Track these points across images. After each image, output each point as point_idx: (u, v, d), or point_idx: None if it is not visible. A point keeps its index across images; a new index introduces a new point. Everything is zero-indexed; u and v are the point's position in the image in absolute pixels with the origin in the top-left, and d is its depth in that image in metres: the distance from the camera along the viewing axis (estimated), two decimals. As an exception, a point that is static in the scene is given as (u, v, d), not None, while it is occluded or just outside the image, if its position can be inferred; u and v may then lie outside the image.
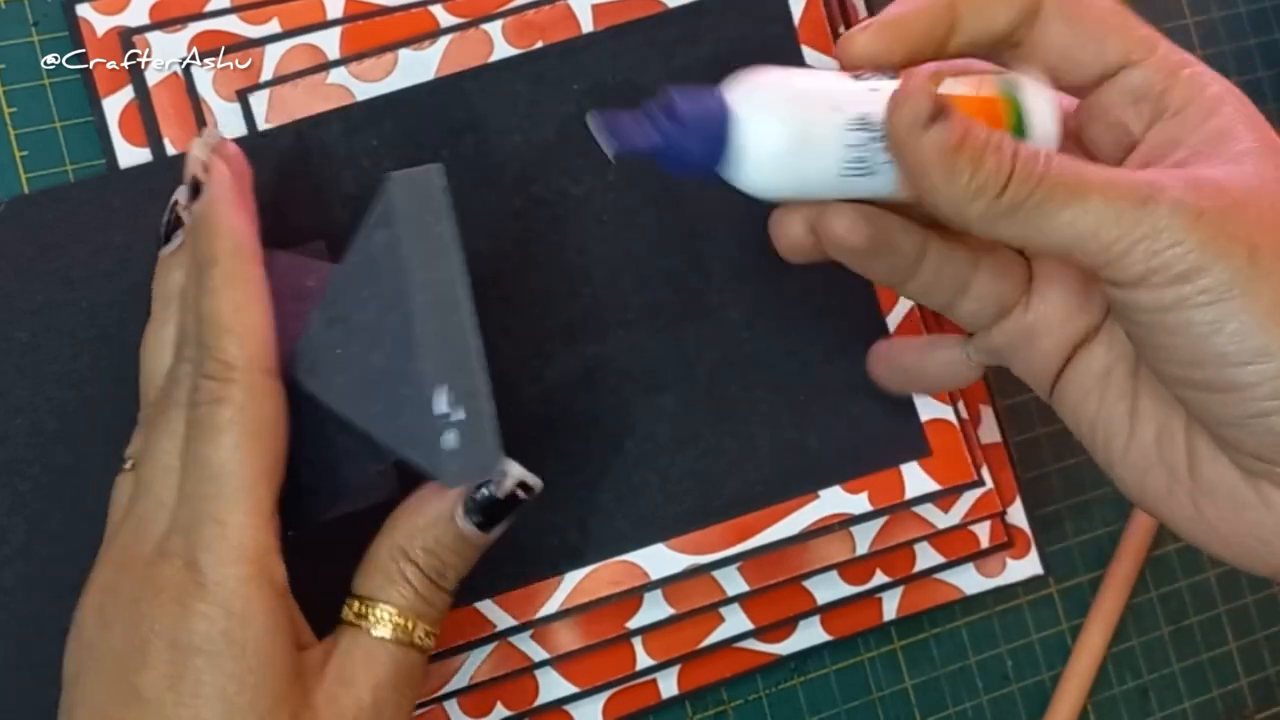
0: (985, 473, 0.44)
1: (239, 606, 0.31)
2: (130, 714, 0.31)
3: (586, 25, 0.42)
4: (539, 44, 0.42)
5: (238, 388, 0.32)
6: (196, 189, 0.34)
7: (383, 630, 0.33)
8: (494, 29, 0.41)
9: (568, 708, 0.42)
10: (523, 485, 0.34)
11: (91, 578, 0.33)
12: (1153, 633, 0.49)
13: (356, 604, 0.34)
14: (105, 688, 0.31)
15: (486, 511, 0.34)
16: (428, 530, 0.34)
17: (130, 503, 0.34)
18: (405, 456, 0.32)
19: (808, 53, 0.42)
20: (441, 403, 0.31)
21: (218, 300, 0.33)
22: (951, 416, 0.43)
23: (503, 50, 0.41)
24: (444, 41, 0.41)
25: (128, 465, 0.35)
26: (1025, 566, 0.46)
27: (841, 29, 0.44)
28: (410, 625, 0.33)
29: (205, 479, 0.32)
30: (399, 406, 0.32)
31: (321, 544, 0.34)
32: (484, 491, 0.34)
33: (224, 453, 0.32)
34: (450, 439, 0.31)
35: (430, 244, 0.32)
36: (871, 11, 0.46)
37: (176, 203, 0.36)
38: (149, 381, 0.36)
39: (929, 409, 0.42)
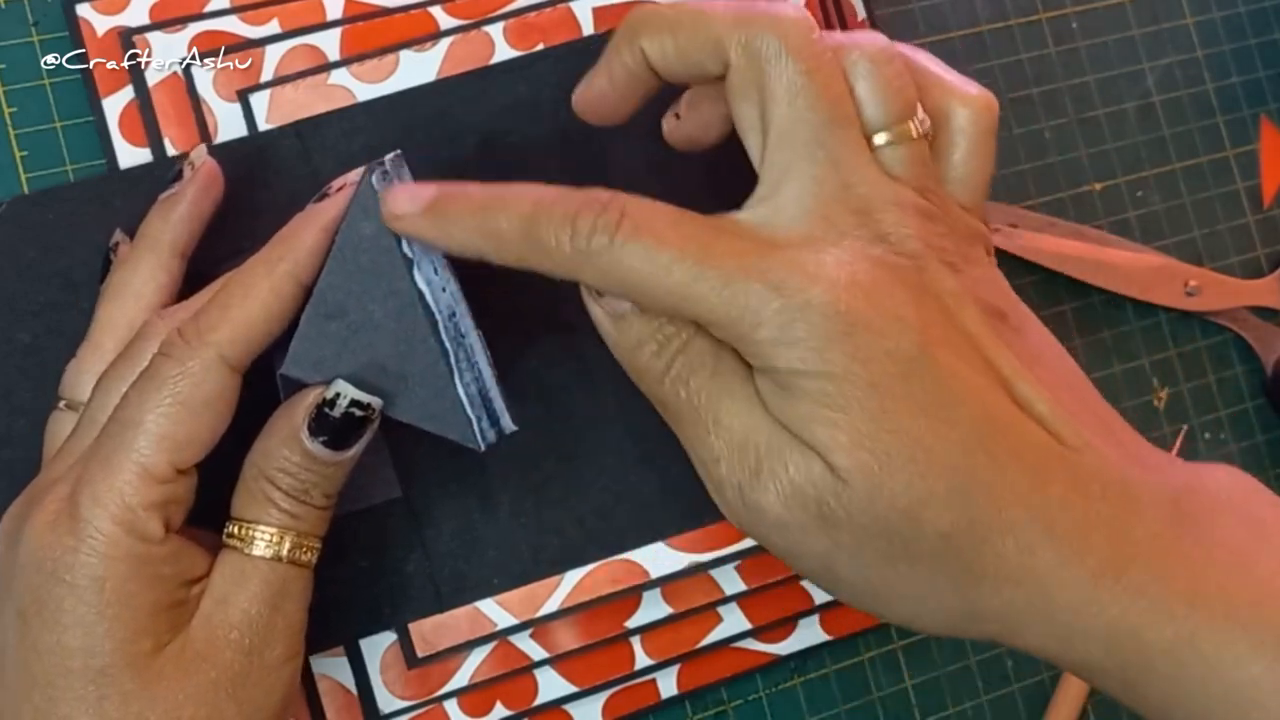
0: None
1: (101, 547, 0.31)
2: (10, 635, 0.32)
3: (587, 28, 0.42)
4: (540, 46, 0.42)
5: (194, 356, 0.33)
6: (322, 197, 0.35)
7: (253, 548, 0.34)
8: (495, 31, 0.42)
9: (567, 707, 0.42)
10: (357, 404, 0.34)
11: (10, 508, 0.34)
12: (1152, 632, 0.49)
13: (231, 525, 0.34)
14: (1, 611, 0.33)
15: (330, 432, 0.34)
16: (278, 451, 0.34)
17: (76, 424, 0.35)
18: (431, 431, 0.35)
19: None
20: (457, 376, 0.34)
21: (239, 279, 0.34)
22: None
23: (504, 52, 0.41)
24: (445, 43, 0.41)
25: (61, 404, 0.36)
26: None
27: (838, 31, 0.44)
28: (279, 540, 0.34)
29: (118, 421, 0.32)
30: (416, 387, 0.34)
31: None
32: (323, 412, 0.34)
33: (145, 405, 0.32)
34: (471, 409, 0.35)
35: None
36: (870, 13, 0.46)
37: (187, 160, 0.37)
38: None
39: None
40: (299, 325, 0.34)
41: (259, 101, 0.40)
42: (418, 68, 0.41)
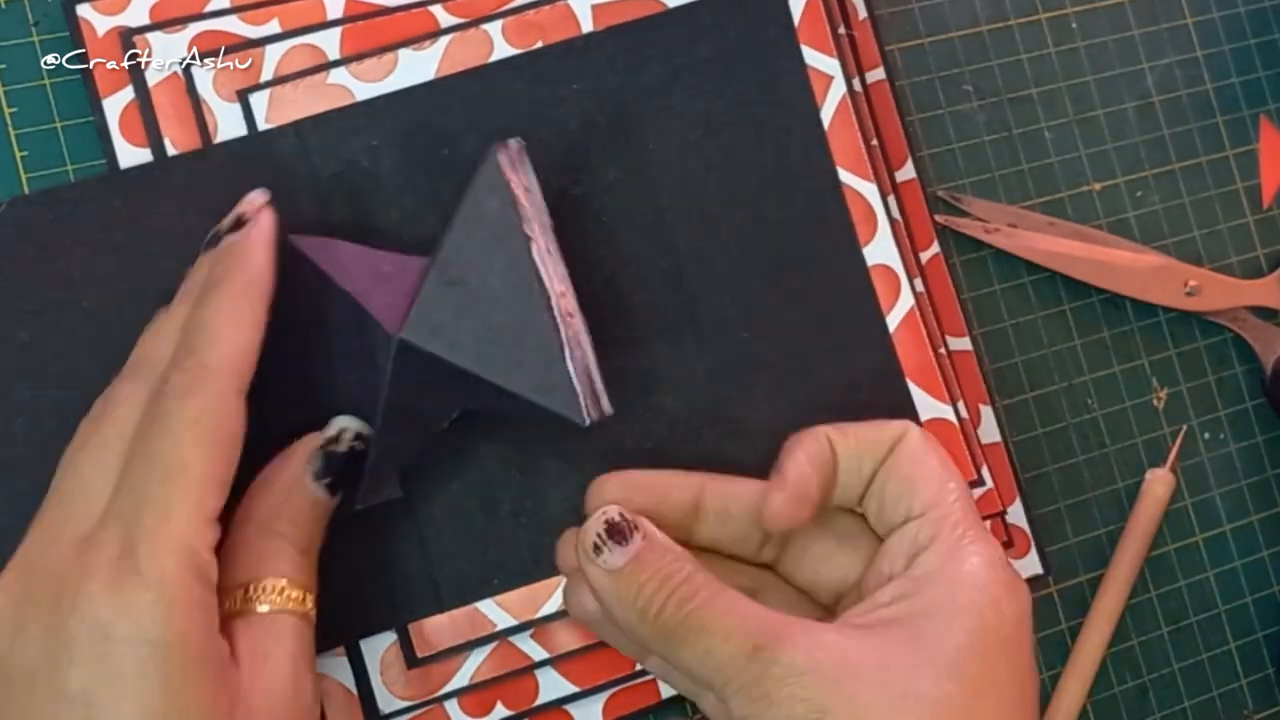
0: (985, 472, 0.44)
1: (178, 595, 0.30)
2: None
3: (586, 25, 0.42)
4: (539, 44, 0.42)
5: (209, 391, 0.32)
6: (239, 224, 0.35)
7: (278, 604, 0.33)
8: (494, 29, 0.42)
9: (568, 707, 0.42)
10: (359, 436, 0.35)
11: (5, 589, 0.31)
12: (1152, 633, 0.49)
13: (240, 592, 0.33)
14: (24, 699, 0.30)
15: (333, 472, 0.35)
16: (286, 504, 0.34)
17: (50, 500, 0.33)
18: (536, 402, 0.35)
19: (808, 52, 0.42)
20: (567, 351, 0.35)
21: (217, 311, 0.33)
22: (952, 416, 0.43)
23: (503, 50, 0.41)
24: (444, 41, 0.41)
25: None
26: (1025, 566, 0.46)
27: (841, 29, 0.44)
28: (299, 596, 0.34)
29: (155, 469, 0.31)
30: (528, 357, 0.35)
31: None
32: (328, 451, 0.35)
33: (182, 448, 0.31)
34: (578, 385, 0.35)
35: (532, 204, 0.36)
36: (871, 12, 0.46)
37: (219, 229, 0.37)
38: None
39: (929, 408, 0.43)
40: (420, 291, 0.35)
41: (259, 101, 0.40)
42: (417, 66, 0.41)
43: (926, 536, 0.35)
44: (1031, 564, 0.46)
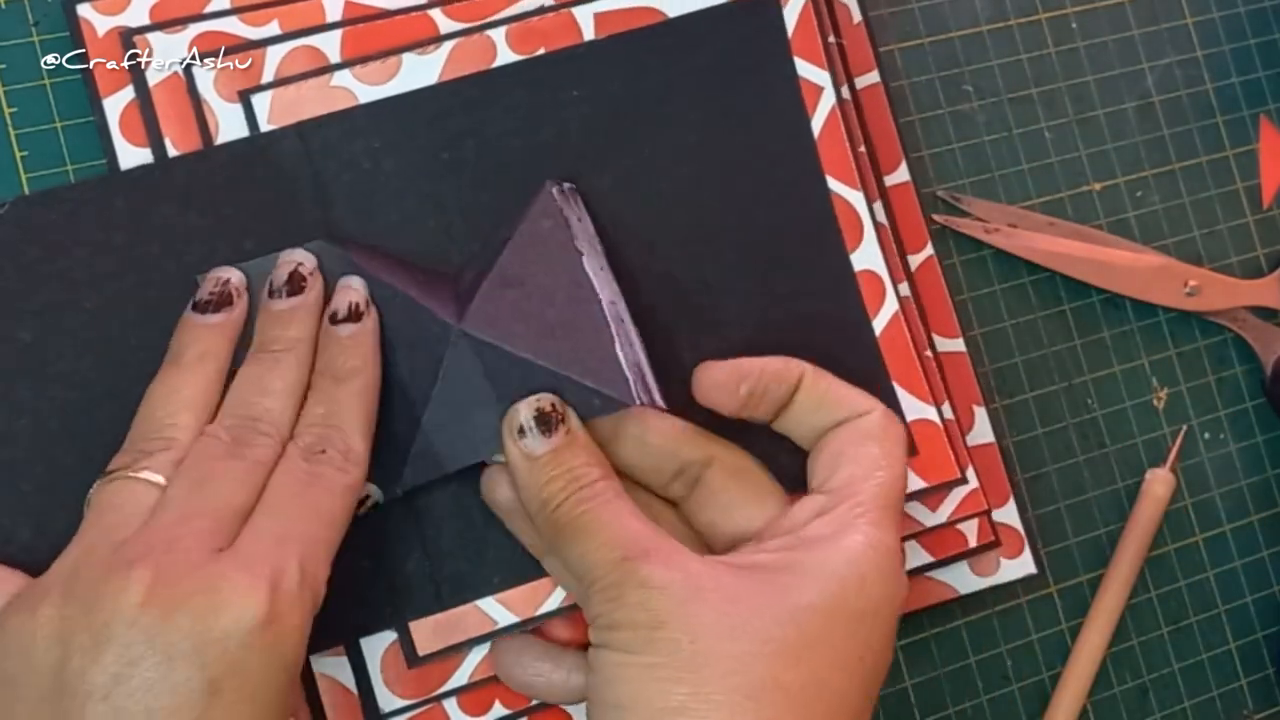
0: (970, 472, 0.44)
1: (304, 624, 0.33)
2: (197, 703, 0.31)
3: (588, 33, 0.42)
4: (541, 50, 0.42)
5: (358, 473, 0.36)
6: (353, 312, 0.38)
7: None
8: (497, 35, 0.42)
9: (566, 706, 0.42)
10: (376, 505, 0.39)
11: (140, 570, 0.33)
12: (1152, 633, 0.49)
13: None
14: (160, 679, 0.31)
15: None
16: None
17: (183, 491, 0.34)
18: (586, 384, 0.37)
19: (800, 64, 0.43)
20: (618, 343, 0.37)
21: (358, 404, 0.37)
22: (935, 417, 0.43)
23: (505, 56, 0.41)
24: (448, 46, 0.41)
25: (127, 474, 0.35)
26: (1019, 566, 0.46)
27: (831, 39, 0.44)
28: None
29: (310, 514, 0.35)
30: (578, 344, 0.37)
31: None
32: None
33: (335, 507, 0.35)
34: (628, 371, 0.37)
35: (582, 230, 0.39)
36: (866, 15, 0.47)
37: (300, 265, 0.38)
38: (153, 422, 0.36)
39: (914, 409, 0.43)
40: (478, 290, 0.38)
41: (261, 102, 0.40)
42: (420, 70, 0.41)
43: (829, 506, 0.37)
44: (1025, 564, 0.46)
